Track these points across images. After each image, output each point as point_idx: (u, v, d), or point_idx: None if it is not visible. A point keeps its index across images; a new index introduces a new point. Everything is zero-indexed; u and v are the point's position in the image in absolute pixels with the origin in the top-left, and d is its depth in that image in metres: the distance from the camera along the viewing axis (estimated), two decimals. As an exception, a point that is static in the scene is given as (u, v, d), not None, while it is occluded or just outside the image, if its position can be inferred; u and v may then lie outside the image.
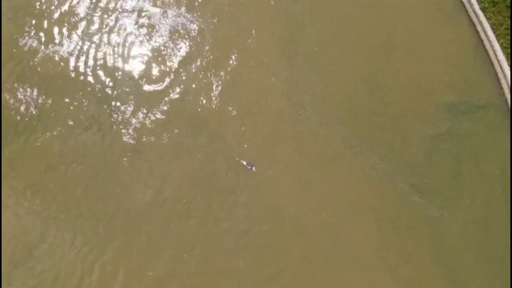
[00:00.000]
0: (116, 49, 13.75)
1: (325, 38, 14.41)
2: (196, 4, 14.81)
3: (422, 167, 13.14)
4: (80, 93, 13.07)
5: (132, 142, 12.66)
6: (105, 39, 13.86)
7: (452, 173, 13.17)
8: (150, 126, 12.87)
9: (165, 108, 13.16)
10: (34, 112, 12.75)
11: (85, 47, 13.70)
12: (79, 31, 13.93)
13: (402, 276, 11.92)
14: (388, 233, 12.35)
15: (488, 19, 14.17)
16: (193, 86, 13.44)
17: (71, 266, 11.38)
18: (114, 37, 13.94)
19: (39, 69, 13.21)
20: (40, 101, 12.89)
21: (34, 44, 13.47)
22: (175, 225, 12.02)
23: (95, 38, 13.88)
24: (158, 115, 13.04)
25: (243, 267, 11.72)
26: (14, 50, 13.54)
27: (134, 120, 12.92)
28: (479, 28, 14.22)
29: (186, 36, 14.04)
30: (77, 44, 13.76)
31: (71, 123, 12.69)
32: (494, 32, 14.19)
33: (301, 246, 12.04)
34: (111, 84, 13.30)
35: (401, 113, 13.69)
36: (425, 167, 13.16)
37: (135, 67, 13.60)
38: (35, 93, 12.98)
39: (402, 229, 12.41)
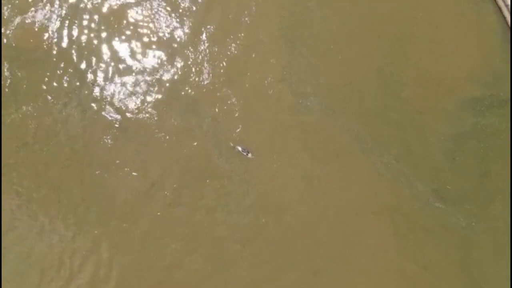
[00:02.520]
0: (100, 19, 12.70)
1: (332, 24, 13.31)
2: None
3: (444, 170, 11.95)
4: (59, 65, 12.09)
5: (116, 119, 11.62)
6: (88, 6, 12.78)
7: (478, 176, 11.96)
8: (136, 103, 11.87)
9: (153, 85, 12.15)
10: (7, 85, 11.77)
11: (64, 14, 12.66)
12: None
13: (420, 284, 10.83)
14: (404, 236, 11.20)
15: (516, 3, 13.13)
16: (185, 63, 12.45)
17: (43, 257, 10.43)
18: (98, 6, 12.82)
19: (13, 39, 12.27)
20: (13, 73, 11.92)
21: (8, 13, 12.51)
22: (163, 213, 10.99)
23: (77, 3, 12.80)
24: (146, 92, 12.02)
25: (239, 264, 10.67)
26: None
27: (119, 96, 11.91)
28: (506, 14, 13.14)
29: (180, 8, 13.03)
30: (56, 11, 12.72)
31: (47, 97, 11.70)
32: (523, 18, 13.08)
33: (305, 245, 10.93)
34: (93, 56, 12.31)
35: (418, 109, 12.54)
36: (448, 169, 11.95)
37: (123, 39, 12.55)
38: (8, 64, 11.99)
39: (419, 231, 11.27)
